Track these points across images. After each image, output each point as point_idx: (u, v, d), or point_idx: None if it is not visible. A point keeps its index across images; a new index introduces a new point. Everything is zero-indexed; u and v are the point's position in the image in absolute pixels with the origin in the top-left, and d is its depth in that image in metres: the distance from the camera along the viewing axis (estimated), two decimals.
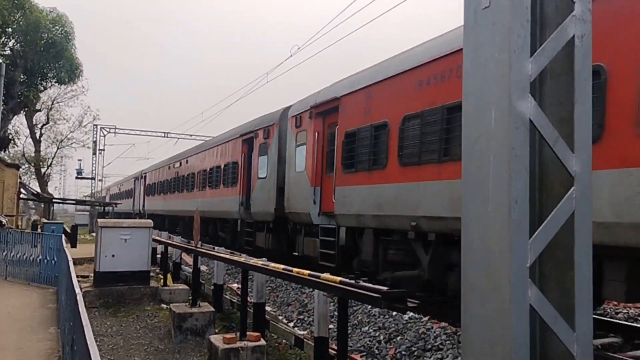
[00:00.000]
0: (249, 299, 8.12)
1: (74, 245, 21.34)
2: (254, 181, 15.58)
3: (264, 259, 8.19)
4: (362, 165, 9.77)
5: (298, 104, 13.33)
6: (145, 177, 36.98)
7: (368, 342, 7.40)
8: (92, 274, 11.92)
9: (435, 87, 8.06)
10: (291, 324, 9.14)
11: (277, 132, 14.19)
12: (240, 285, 8.46)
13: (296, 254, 13.04)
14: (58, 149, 40.73)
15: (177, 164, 27.13)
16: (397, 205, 8.65)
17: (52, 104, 36.68)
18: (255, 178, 15.54)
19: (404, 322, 7.65)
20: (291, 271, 6.29)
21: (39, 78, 27.94)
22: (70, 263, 7.50)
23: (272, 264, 7.04)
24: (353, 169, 10.06)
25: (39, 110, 34.80)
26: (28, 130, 35.89)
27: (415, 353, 6.72)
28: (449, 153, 7.63)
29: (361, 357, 6.86)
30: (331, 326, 6.68)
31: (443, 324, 7.38)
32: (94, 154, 44.53)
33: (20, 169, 29.28)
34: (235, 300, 9.99)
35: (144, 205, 36.29)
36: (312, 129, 11.96)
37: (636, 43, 5.13)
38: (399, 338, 7.25)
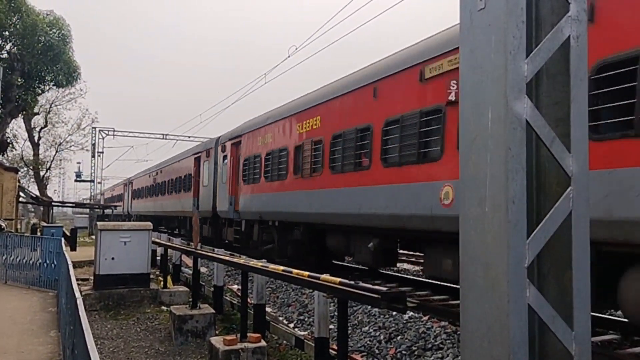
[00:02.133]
0: (249, 300, 8.13)
1: (73, 248, 21.30)
2: (201, 188, 21.09)
3: (263, 260, 8.21)
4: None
5: (223, 136, 18.80)
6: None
7: (368, 342, 7.41)
8: (92, 277, 11.92)
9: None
10: (291, 325, 9.14)
11: (213, 154, 19.67)
12: (240, 287, 8.46)
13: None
14: (57, 152, 40.77)
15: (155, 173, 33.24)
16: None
17: (50, 107, 36.74)
18: (201, 186, 21.06)
19: (404, 321, 7.67)
20: (291, 272, 6.29)
21: (37, 81, 27.94)
22: (70, 266, 7.48)
23: (272, 265, 7.03)
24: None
25: (37, 114, 34.82)
26: (26, 134, 35.98)
27: (416, 352, 6.73)
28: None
29: (362, 357, 6.87)
30: (331, 326, 6.68)
31: (443, 323, 7.40)
32: (93, 156, 44.57)
33: (19, 173, 29.27)
34: (235, 302, 9.99)
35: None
36: (230, 153, 17.73)
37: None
38: (399, 337, 7.26)
